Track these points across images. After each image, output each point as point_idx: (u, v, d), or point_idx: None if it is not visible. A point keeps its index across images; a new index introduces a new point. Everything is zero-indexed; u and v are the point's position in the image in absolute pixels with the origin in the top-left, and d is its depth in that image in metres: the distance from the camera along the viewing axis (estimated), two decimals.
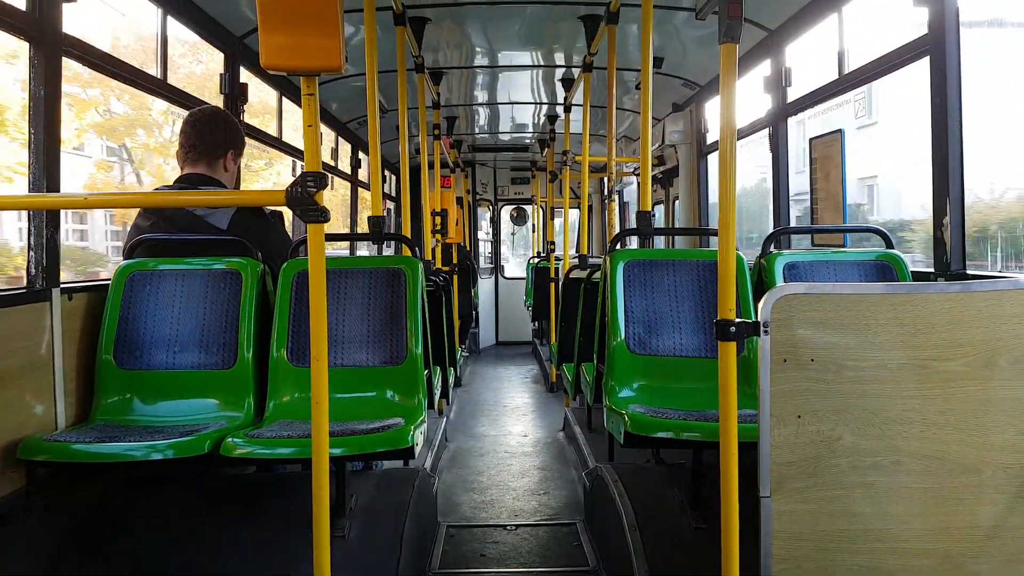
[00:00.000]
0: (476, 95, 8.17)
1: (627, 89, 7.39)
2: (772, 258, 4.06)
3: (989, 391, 2.11)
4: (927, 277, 3.64)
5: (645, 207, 4.17)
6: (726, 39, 2.22)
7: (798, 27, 4.86)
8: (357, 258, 6.39)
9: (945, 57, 3.39)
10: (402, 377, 3.50)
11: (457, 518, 4.41)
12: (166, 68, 4.17)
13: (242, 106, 4.87)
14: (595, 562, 3.69)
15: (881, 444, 2.11)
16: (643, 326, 3.73)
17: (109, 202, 3.54)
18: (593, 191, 12.76)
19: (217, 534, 2.97)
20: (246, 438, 2.82)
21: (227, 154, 3.66)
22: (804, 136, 6.10)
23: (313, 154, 2.26)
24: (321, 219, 2.24)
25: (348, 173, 8.60)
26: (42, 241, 3.04)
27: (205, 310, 3.43)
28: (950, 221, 3.41)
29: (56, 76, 3.06)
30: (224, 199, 3.37)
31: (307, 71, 2.23)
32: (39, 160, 2.99)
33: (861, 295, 2.13)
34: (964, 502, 2.12)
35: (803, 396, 2.09)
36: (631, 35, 5.51)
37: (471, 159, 12.67)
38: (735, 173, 2.28)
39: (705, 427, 2.89)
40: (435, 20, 5.43)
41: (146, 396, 3.32)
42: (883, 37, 4.00)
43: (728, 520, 2.20)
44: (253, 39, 4.88)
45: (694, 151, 7.36)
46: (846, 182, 4.46)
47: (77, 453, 2.71)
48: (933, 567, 2.12)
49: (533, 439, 6.44)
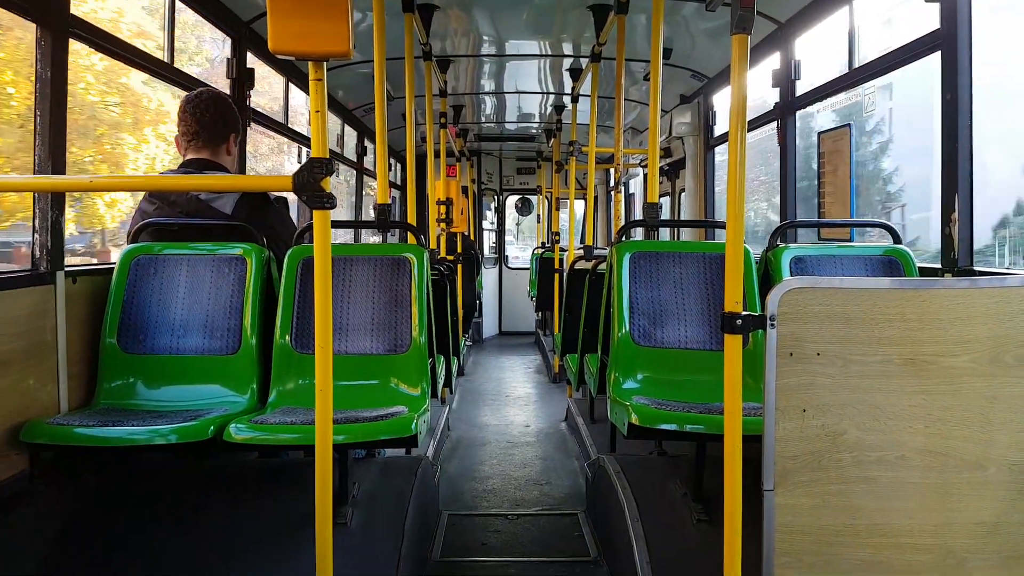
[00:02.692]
0: (483, 84, 8.15)
1: (635, 80, 7.37)
2: (779, 252, 4.05)
3: (995, 388, 2.11)
4: (934, 273, 3.63)
5: (652, 199, 4.16)
6: (737, 30, 2.20)
7: (808, 20, 4.83)
8: (362, 245, 6.39)
9: (956, 52, 3.37)
10: (406, 365, 3.50)
11: (459, 507, 4.41)
12: (173, 52, 4.16)
13: (249, 91, 4.86)
14: (596, 553, 3.69)
15: (886, 439, 2.10)
16: (648, 318, 3.72)
17: (114, 185, 3.55)
18: (599, 182, 12.73)
19: (219, 520, 2.98)
20: (249, 424, 2.82)
21: (229, 138, 3.65)
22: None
23: (320, 140, 2.26)
24: (327, 206, 2.23)
25: (354, 161, 8.58)
26: (47, 224, 3.04)
27: (209, 295, 3.42)
28: (958, 217, 3.40)
29: (63, 58, 3.04)
30: (230, 184, 3.37)
31: (315, 56, 2.22)
32: (44, 142, 2.98)
33: (868, 290, 2.12)
34: (968, 498, 2.12)
35: (808, 390, 2.09)
36: (640, 25, 5.49)
37: (477, 148, 12.64)
38: (744, 165, 2.27)
39: (709, 420, 2.88)
40: (443, 7, 5.41)
41: (149, 380, 3.32)
42: (893, 31, 3.99)
43: (731, 513, 2.20)
44: (260, 24, 4.86)
45: (701, 143, 7.34)
46: (854, 176, 4.44)
47: (80, 437, 2.71)
48: (935, 562, 2.12)
49: (535, 429, 6.45)
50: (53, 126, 3.00)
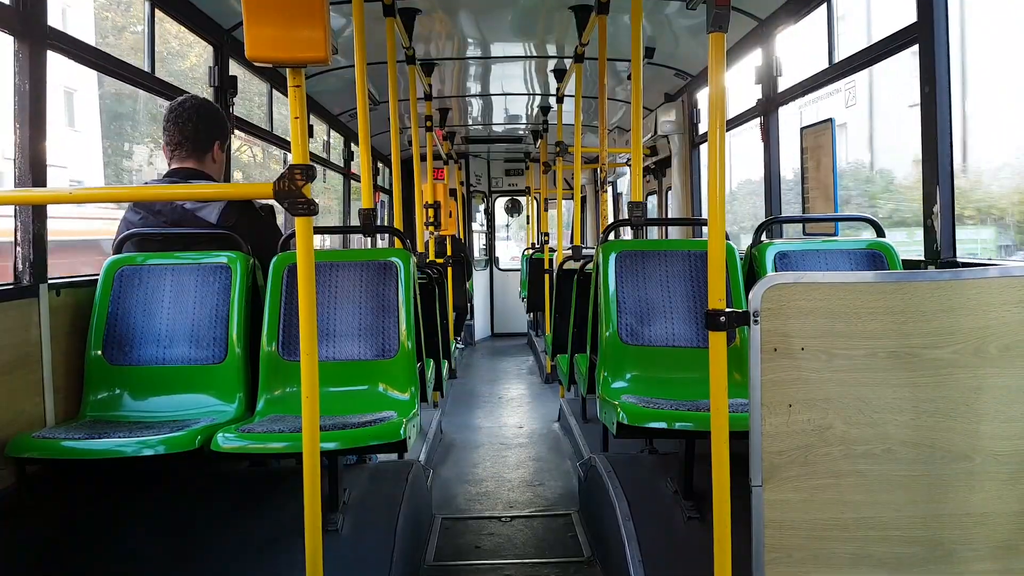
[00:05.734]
0: (468, 86, 8.15)
1: (619, 80, 7.38)
2: (763, 247, 4.06)
3: (979, 378, 2.11)
4: (917, 265, 3.64)
5: (637, 197, 4.16)
6: (714, 28, 2.20)
7: (788, 16, 4.84)
8: (348, 251, 6.38)
9: (934, 44, 3.38)
10: (394, 370, 3.49)
11: (452, 510, 4.41)
12: (154, 60, 4.14)
13: (232, 98, 4.84)
14: (589, 552, 3.69)
15: (872, 432, 2.11)
16: (635, 316, 3.73)
17: (96, 196, 3.52)
18: (587, 182, 12.75)
19: (209, 529, 2.97)
20: (237, 433, 2.81)
21: (214, 145, 3.64)
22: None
23: (300, 146, 2.25)
24: (309, 212, 2.23)
25: (340, 166, 8.56)
26: (29, 236, 3.02)
27: (195, 304, 3.41)
28: (940, 209, 3.41)
29: (41, 70, 3.03)
30: (213, 192, 3.36)
31: (293, 63, 2.22)
32: (24, 155, 2.96)
33: (851, 284, 2.12)
34: (955, 489, 2.13)
35: (794, 385, 2.09)
36: (622, 25, 5.50)
37: (464, 151, 12.63)
38: (724, 162, 2.27)
39: (697, 417, 2.89)
40: (426, 11, 5.41)
41: (136, 392, 3.31)
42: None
43: (720, 510, 2.20)
44: (241, 31, 4.84)
45: (686, 141, 7.35)
46: (837, 171, 4.45)
47: (67, 450, 2.69)
48: (924, 554, 2.13)
49: (528, 430, 6.45)
50: (33, 138, 2.98)
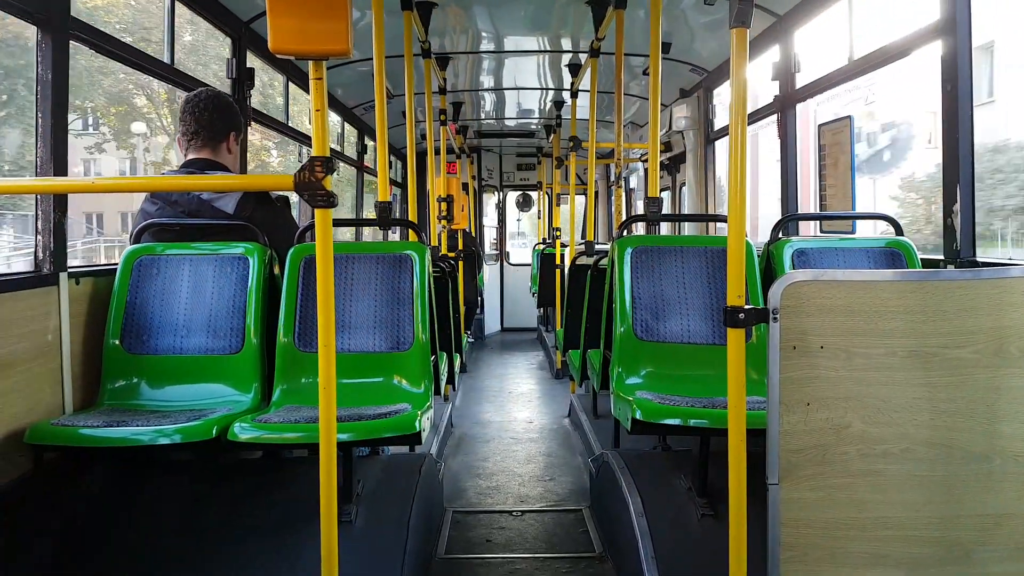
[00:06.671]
0: (482, 80, 8.14)
1: (634, 75, 7.35)
2: (781, 245, 4.04)
3: (999, 379, 2.10)
4: (937, 264, 3.62)
5: (653, 193, 4.15)
6: (736, 24, 2.19)
7: (807, 12, 4.82)
8: (364, 243, 6.41)
9: (957, 42, 3.36)
10: (409, 363, 3.50)
11: (463, 504, 4.42)
12: (174, 52, 4.16)
13: (249, 91, 4.86)
14: (601, 548, 3.69)
15: (890, 432, 2.10)
16: (650, 312, 3.72)
17: (116, 186, 3.54)
18: (599, 177, 12.71)
19: (224, 519, 2.98)
20: (253, 423, 2.82)
21: (229, 136, 3.66)
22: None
23: (321, 138, 2.26)
24: (328, 204, 2.23)
25: (354, 159, 8.58)
26: (49, 225, 3.04)
27: (212, 295, 3.43)
28: (960, 207, 3.39)
29: (64, 60, 3.04)
30: (232, 183, 3.37)
31: (315, 55, 2.22)
32: (46, 144, 2.99)
33: (871, 282, 2.11)
34: (973, 490, 2.12)
35: (812, 383, 2.08)
36: (639, 20, 5.48)
37: (477, 145, 12.63)
38: (746, 158, 2.26)
39: (713, 414, 2.88)
40: (442, 5, 5.40)
41: (153, 381, 3.33)
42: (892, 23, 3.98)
43: (736, 507, 2.20)
44: (260, 24, 4.85)
45: (701, 137, 7.32)
46: (855, 168, 4.43)
47: (84, 438, 2.72)
48: (941, 555, 2.12)
49: (539, 425, 6.45)
50: (54, 128, 3.00)
